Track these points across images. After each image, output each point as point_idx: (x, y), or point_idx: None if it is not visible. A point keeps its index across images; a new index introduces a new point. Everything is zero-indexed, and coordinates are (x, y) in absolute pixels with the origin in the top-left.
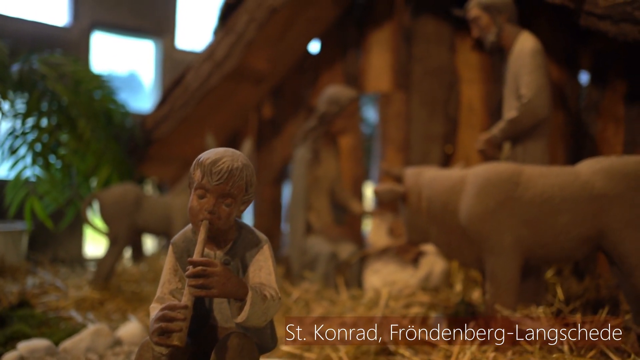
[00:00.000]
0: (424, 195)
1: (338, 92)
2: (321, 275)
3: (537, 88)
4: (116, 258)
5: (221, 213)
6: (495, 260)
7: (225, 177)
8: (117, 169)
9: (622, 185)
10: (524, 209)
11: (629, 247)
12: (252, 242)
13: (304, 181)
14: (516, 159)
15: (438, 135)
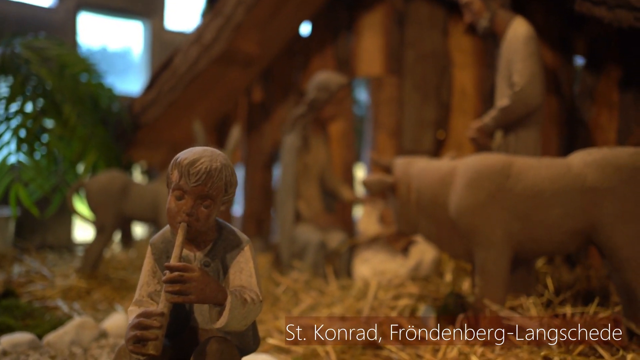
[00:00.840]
0: (413, 186)
1: (327, 78)
2: (310, 265)
3: (530, 76)
4: (103, 246)
5: (200, 215)
6: (485, 253)
7: (204, 178)
8: (104, 154)
9: (614, 178)
10: (514, 202)
11: (620, 240)
12: (233, 243)
13: (293, 169)
14: (508, 147)
15: (430, 120)
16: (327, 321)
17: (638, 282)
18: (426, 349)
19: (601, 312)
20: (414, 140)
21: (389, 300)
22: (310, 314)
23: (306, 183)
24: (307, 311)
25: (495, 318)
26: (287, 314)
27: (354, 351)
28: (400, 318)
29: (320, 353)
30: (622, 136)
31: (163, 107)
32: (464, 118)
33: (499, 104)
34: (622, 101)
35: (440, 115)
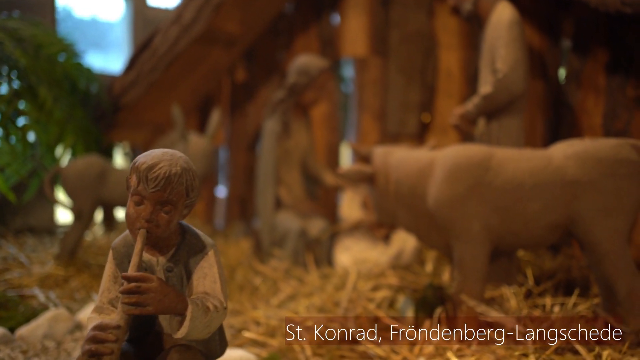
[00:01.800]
0: (392, 177)
1: (308, 62)
2: (290, 253)
3: (513, 62)
4: (81, 233)
5: (160, 221)
6: (463, 247)
7: (163, 183)
8: (82, 137)
9: (595, 171)
10: (493, 196)
11: (600, 234)
12: (197, 247)
13: (273, 155)
14: (491, 134)
15: (415, 103)
16: (304, 313)
17: (617, 276)
18: (403, 345)
19: (581, 304)
20: (398, 122)
21: (368, 291)
22: (289, 304)
23: (287, 169)
24: (285, 301)
25: (472, 314)
26: (266, 304)
27: (330, 346)
28: (378, 311)
29: (295, 349)
30: (608, 121)
31: (143, 88)
32: (449, 100)
33: (482, 91)
34: (608, 85)
35: (425, 98)
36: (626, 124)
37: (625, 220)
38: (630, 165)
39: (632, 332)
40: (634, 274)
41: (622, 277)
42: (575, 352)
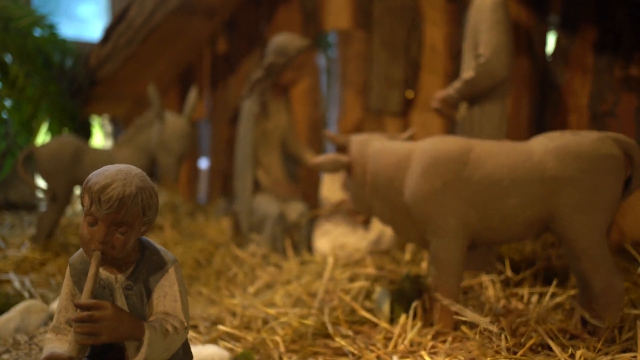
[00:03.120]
0: (368, 168)
1: (285, 42)
2: (268, 238)
3: (496, 47)
4: (57, 215)
5: (115, 242)
6: (439, 242)
7: (116, 205)
8: (57, 114)
9: (574, 167)
10: (471, 191)
11: (578, 231)
12: (157, 264)
13: (251, 136)
14: (473, 119)
15: (399, 79)
16: (281, 303)
17: (593, 272)
18: (379, 336)
19: (559, 294)
20: (381, 99)
21: (345, 282)
22: (266, 292)
23: (266, 150)
24: (263, 289)
25: (446, 311)
26: (243, 291)
27: (304, 341)
28: (354, 303)
29: (269, 344)
30: (594, 102)
31: (120, 62)
32: (433, 77)
33: (464, 76)
34: (596, 65)
35: (408, 74)
36: (612, 106)
37: (604, 216)
38: (610, 160)
39: (607, 327)
40: (611, 271)
41: (598, 274)
42: (550, 348)
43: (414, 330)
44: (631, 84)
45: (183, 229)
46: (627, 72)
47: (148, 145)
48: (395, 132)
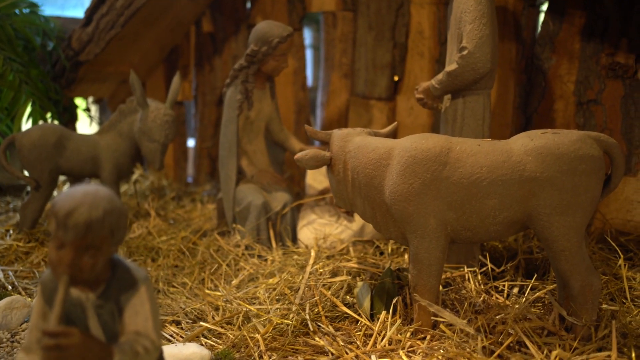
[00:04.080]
0: (349, 165)
1: (267, 30)
2: (252, 229)
3: (479, 40)
4: (41, 203)
5: (83, 265)
6: (418, 242)
7: (83, 231)
8: (39, 99)
9: (554, 167)
10: (450, 191)
11: (557, 231)
12: (128, 282)
13: (234, 125)
14: (456, 111)
15: (386, 64)
16: (263, 297)
17: (572, 272)
18: (358, 336)
19: (539, 288)
20: (368, 84)
21: (327, 275)
22: (249, 285)
23: (249, 139)
24: (246, 281)
25: (426, 309)
26: (226, 284)
27: (284, 339)
28: (335, 299)
29: (250, 343)
30: (580, 89)
31: (103, 43)
32: (420, 61)
33: (446, 68)
34: (583, 51)
35: (396, 58)
36: (597, 94)
37: (582, 217)
38: (590, 161)
39: (584, 325)
40: (589, 270)
41: (576, 273)
42: (526, 346)
43: (393, 329)
44: (617, 71)
45: (169, 216)
46: (613, 59)
47: (131, 132)
48: (382, 116)
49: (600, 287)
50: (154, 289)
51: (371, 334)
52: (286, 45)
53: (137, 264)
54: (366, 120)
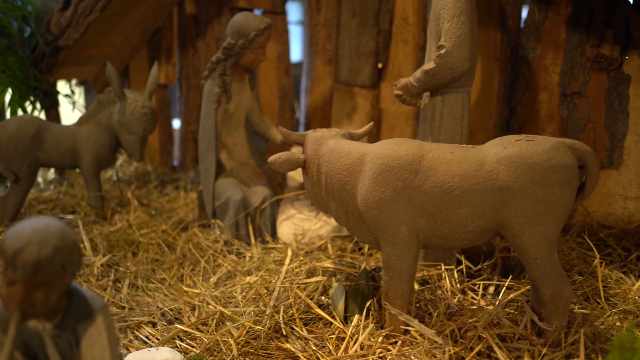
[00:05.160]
0: (322, 168)
1: (244, 23)
2: (231, 224)
3: (457, 39)
4: (21, 196)
5: (35, 301)
6: (391, 249)
7: (32, 270)
8: (17, 86)
9: (526, 178)
10: (422, 199)
11: (528, 241)
12: (84, 312)
13: (212, 119)
14: (435, 108)
15: (370, 51)
16: (239, 297)
17: (543, 279)
18: (330, 340)
19: (514, 288)
20: (352, 71)
21: (303, 275)
22: (227, 282)
23: (228, 132)
24: (224, 279)
25: (395, 319)
26: (204, 281)
27: (258, 343)
28: (310, 300)
29: (223, 348)
30: (565, 80)
31: (82, 28)
32: (404, 47)
33: (424, 66)
34: (568, 42)
35: (379, 44)
36: (582, 86)
37: (554, 226)
38: (562, 170)
39: (554, 331)
40: (559, 278)
41: (547, 281)
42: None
43: (365, 333)
44: (602, 63)
45: (151, 205)
46: (598, 51)
47: (111, 123)
48: (366, 104)
49: (570, 294)
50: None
51: (344, 337)
52: (263, 38)
53: (118, 259)
54: (350, 107)
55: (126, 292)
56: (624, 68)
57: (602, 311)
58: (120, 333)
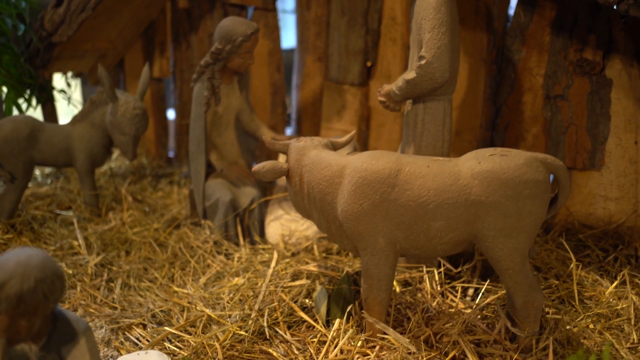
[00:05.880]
0: (305, 178)
1: (231, 29)
2: (220, 225)
3: (437, 50)
4: (17, 195)
5: (19, 329)
6: (369, 259)
7: (14, 303)
8: (11, 85)
9: (499, 192)
10: (398, 212)
11: (500, 252)
12: (68, 335)
13: (201, 122)
14: (417, 115)
15: (359, 50)
16: (227, 299)
17: (515, 288)
18: (312, 344)
19: (492, 292)
20: (341, 70)
21: (288, 278)
22: (215, 283)
23: (218, 132)
24: (213, 280)
25: (373, 327)
26: (194, 282)
27: (242, 345)
28: (293, 304)
29: (208, 351)
30: (549, 83)
31: (75, 25)
32: (393, 47)
33: (405, 76)
34: (552, 45)
35: (368, 43)
36: (564, 89)
37: (526, 238)
38: (534, 186)
39: (525, 337)
40: (531, 287)
41: (519, 290)
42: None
43: (345, 338)
44: (584, 67)
45: (145, 202)
46: (581, 55)
47: (104, 122)
48: (355, 101)
49: (542, 302)
50: (95, 340)
51: (326, 341)
52: (250, 43)
53: (111, 258)
54: (339, 105)
55: (119, 292)
56: (606, 72)
57: (575, 314)
58: (111, 334)
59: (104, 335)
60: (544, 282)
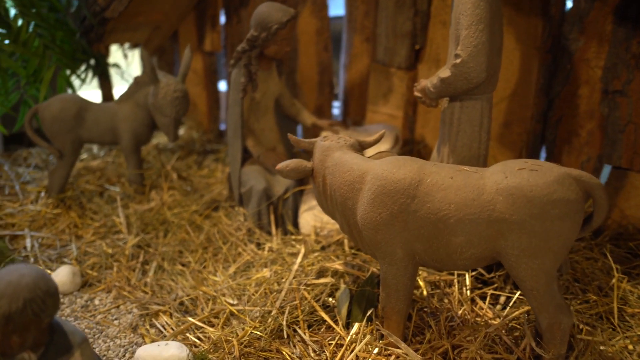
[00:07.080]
0: (327, 180)
1: (267, 16)
2: (253, 213)
3: (474, 48)
4: (66, 171)
5: (12, 344)
6: (387, 268)
7: (3, 322)
8: (64, 62)
9: (525, 211)
10: (417, 224)
11: (524, 273)
12: (64, 347)
13: (238, 107)
14: (453, 114)
15: (407, 32)
16: (252, 290)
17: (540, 310)
18: (333, 341)
19: (522, 303)
20: (388, 52)
21: (312, 276)
22: (242, 275)
23: (256, 118)
24: (241, 269)
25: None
26: (223, 270)
27: (259, 342)
28: (315, 303)
29: (225, 347)
30: (607, 76)
31: (126, 1)
32: (443, 29)
33: (440, 73)
34: (614, 35)
35: (416, 25)
36: (624, 85)
37: (553, 259)
38: (564, 205)
39: (550, 359)
40: (557, 308)
41: (545, 311)
42: None
43: (362, 344)
44: None
45: (187, 181)
46: None
47: (147, 103)
48: (402, 85)
49: (570, 324)
50: (91, 353)
51: (343, 344)
52: (286, 30)
53: (149, 239)
54: (386, 88)
55: (152, 276)
56: None
57: (613, 334)
58: (139, 320)
59: (132, 320)
60: (581, 295)
